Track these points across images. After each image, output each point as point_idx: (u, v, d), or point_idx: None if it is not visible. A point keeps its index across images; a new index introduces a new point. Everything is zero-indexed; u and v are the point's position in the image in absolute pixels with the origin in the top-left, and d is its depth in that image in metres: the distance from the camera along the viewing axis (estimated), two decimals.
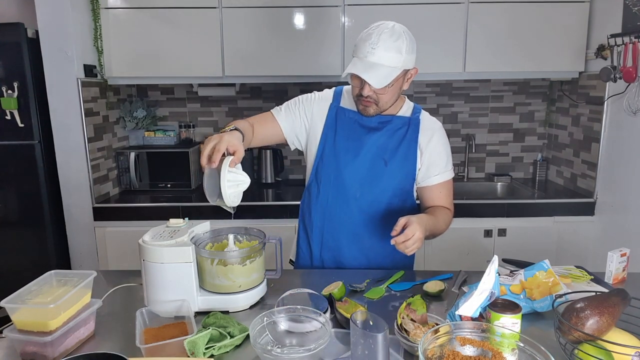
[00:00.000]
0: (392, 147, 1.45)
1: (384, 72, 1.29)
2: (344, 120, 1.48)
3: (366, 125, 1.46)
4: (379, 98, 1.36)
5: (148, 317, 1.14)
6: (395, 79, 1.32)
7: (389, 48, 1.27)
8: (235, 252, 1.23)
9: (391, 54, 1.28)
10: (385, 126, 1.45)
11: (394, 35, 1.28)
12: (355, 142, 1.46)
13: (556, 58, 2.59)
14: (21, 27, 2.34)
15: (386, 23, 1.32)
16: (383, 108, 1.41)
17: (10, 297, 1.03)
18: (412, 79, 1.41)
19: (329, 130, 1.48)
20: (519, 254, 1.69)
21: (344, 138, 1.47)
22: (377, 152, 1.45)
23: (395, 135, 1.46)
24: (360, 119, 1.46)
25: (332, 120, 1.48)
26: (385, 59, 1.28)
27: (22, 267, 2.54)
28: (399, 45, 1.28)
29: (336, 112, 1.49)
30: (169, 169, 2.78)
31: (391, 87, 1.34)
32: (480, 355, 0.92)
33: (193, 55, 2.59)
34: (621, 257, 1.37)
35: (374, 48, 1.27)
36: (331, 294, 1.25)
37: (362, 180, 1.47)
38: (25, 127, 2.42)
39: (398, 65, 1.30)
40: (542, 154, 3.09)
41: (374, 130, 1.45)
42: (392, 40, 1.28)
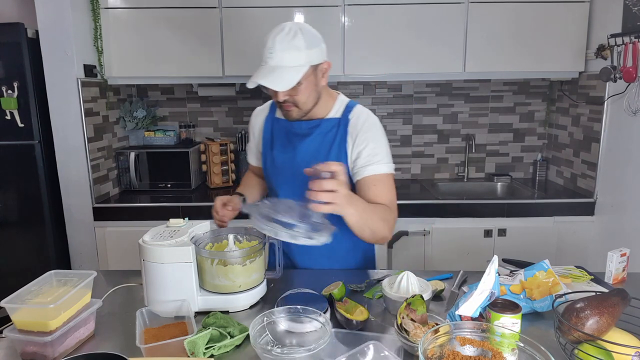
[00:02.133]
0: (324, 151, 1.40)
1: (287, 73, 1.25)
2: (278, 131, 1.47)
3: (297, 132, 1.43)
4: (296, 100, 1.32)
5: (148, 317, 1.14)
6: (304, 77, 1.27)
7: (285, 48, 1.24)
8: (236, 252, 1.23)
9: (290, 54, 1.25)
10: (315, 131, 1.41)
11: (289, 34, 1.25)
12: (290, 151, 1.44)
13: (556, 58, 2.59)
14: (21, 27, 2.34)
15: (282, 25, 1.28)
16: (305, 109, 1.36)
17: (10, 297, 1.03)
18: (327, 73, 1.36)
19: (267, 143, 1.50)
20: (519, 254, 1.70)
21: (280, 149, 1.47)
22: (310, 158, 1.39)
23: (325, 138, 1.41)
24: (292, 126, 1.43)
25: (268, 132, 1.49)
26: (285, 60, 1.25)
27: (22, 267, 2.54)
28: (296, 43, 1.25)
29: (272, 124, 1.49)
30: (169, 169, 2.78)
31: (304, 86, 1.30)
32: (480, 355, 0.92)
33: (193, 55, 2.59)
34: (621, 257, 1.37)
35: (271, 52, 1.25)
36: (331, 294, 1.25)
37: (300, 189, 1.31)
38: (25, 127, 2.42)
39: (300, 63, 1.26)
40: (542, 154, 3.09)
41: (305, 137, 1.42)
42: (288, 40, 1.25)
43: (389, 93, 3.07)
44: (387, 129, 3.09)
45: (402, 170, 3.17)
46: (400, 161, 3.15)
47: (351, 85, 3.06)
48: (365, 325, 1.15)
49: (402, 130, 3.11)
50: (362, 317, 1.15)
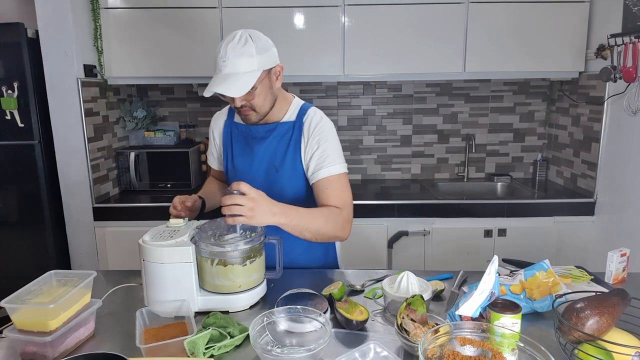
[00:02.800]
0: (280, 153, 1.46)
1: (241, 79, 1.30)
2: (237, 135, 1.51)
3: (255, 136, 1.48)
4: (253, 104, 1.36)
5: (148, 317, 1.14)
6: (258, 81, 1.32)
7: (237, 55, 1.29)
8: (236, 252, 1.23)
9: (242, 60, 1.29)
10: (272, 134, 1.46)
11: (240, 42, 1.30)
12: (248, 155, 1.49)
13: (556, 58, 2.59)
14: (21, 27, 2.34)
15: (232, 34, 1.33)
16: (262, 112, 1.40)
17: (10, 297, 1.03)
18: (280, 76, 1.41)
19: (227, 148, 1.53)
20: (519, 254, 1.70)
21: (239, 153, 1.51)
22: (269, 160, 1.47)
23: (282, 141, 1.46)
24: (250, 130, 1.48)
25: (228, 137, 1.53)
26: (238, 67, 1.29)
27: (22, 267, 2.54)
28: (247, 49, 1.30)
29: (230, 129, 1.53)
30: (169, 169, 2.78)
31: (259, 90, 1.34)
32: (480, 355, 0.92)
33: (193, 55, 2.59)
34: (621, 257, 1.37)
35: (224, 61, 1.29)
36: (331, 294, 1.25)
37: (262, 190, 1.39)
38: (25, 127, 2.42)
39: (253, 68, 1.31)
40: (542, 154, 3.09)
41: (262, 140, 1.47)
42: (239, 47, 1.29)
43: (389, 93, 3.07)
44: (387, 129, 3.10)
45: (402, 170, 3.17)
46: (400, 161, 3.15)
47: (351, 85, 3.06)
48: (365, 325, 1.15)
49: (402, 130, 3.11)
50: (362, 317, 1.15)
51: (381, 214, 2.54)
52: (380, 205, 2.55)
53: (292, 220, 1.28)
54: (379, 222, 2.55)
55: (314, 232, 1.33)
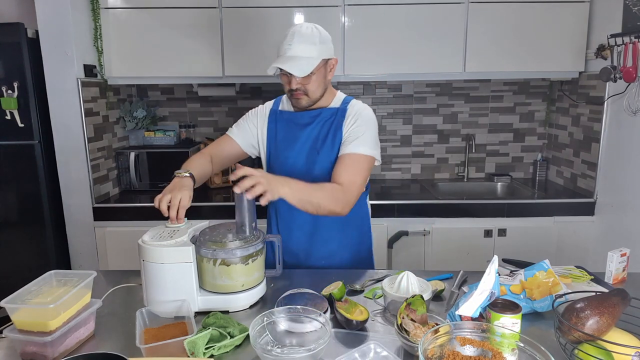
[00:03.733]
0: (322, 136, 1.53)
1: (303, 62, 1.42)
2: (282, 122, 1.59)
3: (300, 122, 1.56)
4: (306, 89, 1.47)
5: (148, 317, 1.14)
6: (316, 68, 1.43)
7: (302, 42, 1.42)
8: (237, 252, 1.23)
9: (306, 46, 1.42)
10: (316, 119, 1.54)
11: (307, 30, 1.44)
12: (292, 139, 1.56)
13: (556, 58, 2.59)
14: (21, 27, 2.34)
15: (300, 24, 1.46)
16: (313, 97, 1.50)
17: (10, 297, 1.03)
18: (334, 68, 1.53)
19: (271, 134, 1.61)
20: (519, 254, 1.70)
21: (283, 137, 1.59)
22: (311, 144, 1.54)
23: (325, 125, 1.54)
24: (295, 117, 1.57)
25: (273, 123, 1.61)
26: (302, 51, 1.42)
27: (22, 267, 2.54)
28: (311, 38, 1.43)
29: (275, 116, 1.61)
30: (169, 169, 2.74)
31: (315, 76, 1.45)
32: (480, 355, 0.92)
33: (193, 55, 2.59)
34: (621, 257, 1.37)
35: (290, 45, 1.42)
36: (331, 294, 1.25)
37: (300, 173, 1.50)
38: (25, 127, 2.42)
39: (314, 55, 1.43)
40: (542, 154, 3.09)
41: (307, 125, 1.55)
42: (305, 34, 1.43)
43: (389, 93, 3.07)
44: (387, 129, 3.10)
45: (402, 170, 3.17)
46: (400, 161, 3.15)
47: (351, 85, 3.06)
48: (365, 325, 1.15)
49: (402, 130, 3.11)
50: (362, 317, 1.15)
51: (381, 214, 2.54)
52: (380, 205, 2.55)
53: (296, 192, 1.31)
54: (379, 222, 2.54)
55: (315, 206, 1.36)
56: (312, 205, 1.36)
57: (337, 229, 1.60)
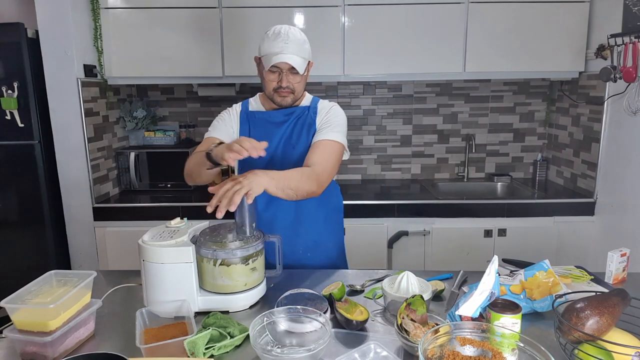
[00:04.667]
0: (297, 132, 1.59)
1: (300, 60, 1.49)
2: (255, 122, 1.63)
3: (274, 120, 1.61)
4: (294, 87, 1.53)
5: (148, 317, 1.14)
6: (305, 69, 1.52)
7: (297, 42, 1.48)
8: (237, 252, 1.23)
9: (300, 47, 1.49)
10: (290, 117, 1.60)
11: (296, 32, 1.50)
12: (267, 137, 1.57)
13: (556, 58, 2.59)
14: (21, 27, 2.34)
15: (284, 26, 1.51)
16: (297, 96, 1.57)
17: (10, 297, 1.03)
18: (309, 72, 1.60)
19: (244, 133, 1.63)
20: (519, 254, 1.70)
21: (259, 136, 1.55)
22: (287, 140, 1.60)
23: (298, 122, 1.60)
24: (269, 116, 1.61)
25: (245, 124, 1.64)
26: (298, 51, 1.48)
27: (22, 267, 2.54)
28: (303, 38, 1.51)
29: (247, 117, 1.64)
30: (169, 169, 2.78)
31: (302, 77, 1.54)
32: (480, 356, 0.92)
33: (193, 55, 2.59)
34: (621, 257, 1.37)
35: (286, 43, 1.46)
36: (331, 294, 1.25)
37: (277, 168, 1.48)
38: (25, 127, 2.42)
39: (306, 56, 1.52)
40: (542, 154, 3.09)
41: (281, 123, 1.60)
42: (298, 34, 1.50)
43: (389, 93, 3.07)
44: (387, 129, 3.10)
45: (402, 170, 3.17)
46: (400, 161, 3.15)
47: (351, 85, 3.06)
48: (365, 325, 1.15)
49: (402, 130, 3.11)
50: (362, 317, 1.15)
51: (381, 214, 2.54)
52: (380, 205, 2.55)
53: (275, 180, 1.30)
54: (379, 222, 2.54)
55: (294, 189, 1.36)
56: (291, 189, 1.36)
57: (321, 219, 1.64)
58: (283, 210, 1.60)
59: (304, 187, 1.39)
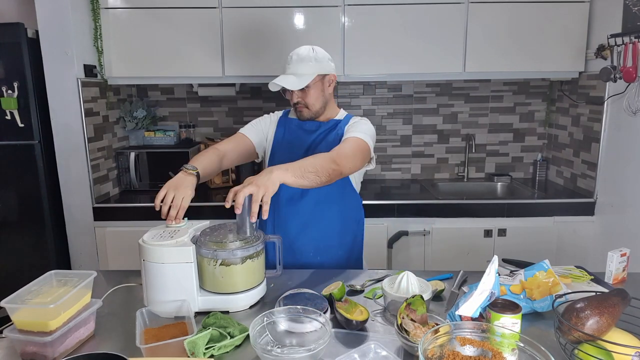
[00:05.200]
0: (325, 142, 1.66)
1: (301, 77, 1.57)
2: (290, 127, 1.73)
3: (307, 128, 1.70)
4: (306, 102, 1.62)
5: (148, 317, 1.14)
6: (312, 82, 1.58)
7: (300, 60, 1.59)
8: (237, 252, 1.23)
9: (303, 64, 1.59)
10: (321, 127, 1.69)
11: (305, 50, 1.61)
12: (298, 142, 1.69)
13: (556, 58, 2.59)
14: (21, 27, 2.34)
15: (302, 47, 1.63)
16: (313, 110, 1.64)
17: (10, 297, 1.03)
18: (333, 83, 1.67)
19: (278, 135, 1.74)
20: (519, 254, 1.70)
21: (290, 140, 1.71)
22: (313, 149, 1.66)
23: (330, 133, 1.67)
24: (303, 124, 1.70)
25: (282, 127, 1.74)
26: (299, 69, 1.58)
27: (22, 267, 2.54)
28: (308, 55, 1.60)
29: (285, 121, 1.75)
30: (169, 169, 2.77)
31: (312, 90, 1.60)
32: (480, 355, 0.92)
33: (193, 55, 2.59)
34: (621, 257, 1.37)
35: (289, 64, 1.61)
36: (331, 294, 1.25)
37: None
38: (25, 127, 2.42)
39: (312, 72, 1.58)
40: (542, 154, 3.09)
41: (313, 132, 1.69)
42: (304, 54, 1.60)
43: (389, 93, 3.07)
44: (387, 129, 3.10)
45: (402, 170, 3.17)
46: (400, 161, 3.15)
47: (351, 85, 3.06)
48: (365, 325, 1.15)
49: (402, 130, 3.11)
50: (362, 317, 1.15)
51: (381, 214, 2.54)
52: (380, 205, 2.55)
53: (289, 168, 1.28)
54: (379, 222, 2.54)
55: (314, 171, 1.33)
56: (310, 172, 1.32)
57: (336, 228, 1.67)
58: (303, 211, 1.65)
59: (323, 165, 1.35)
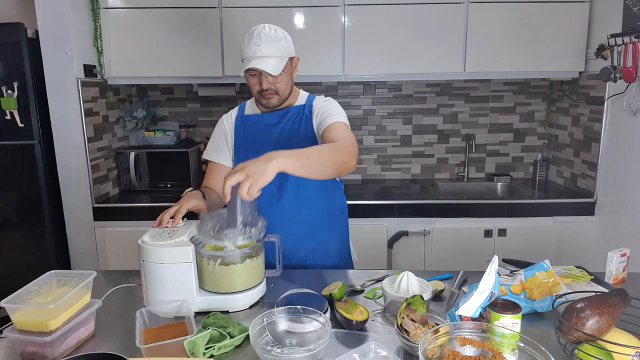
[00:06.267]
0: (293, 132, 1.56)
1: (274, 61, 1.44)
2: (249, 126, 1.60)
3: (269, 122, 1.58)
4: (277, 87, 1.50)
5: (148, 317, 1.14)
6: (285, 66, 1.47)
7: (269, 41, 1.43)
8: (237, 252, 1.23)
9: (273, 46, 1.44)
10: (285, 117, 1.57)
11: (271, 30, 1.45)
12: (263, 139, 1.57)
13: (556, 58, 2.59)
14: (21, 27, 2.34)
15: (260, 26, 1.47)
16: (283, 96, 1.53)
17: (10, 297, 1.03)
18: (297, 66, 1.57)
19: (239, 138, 1.61)
20: (519, 254, 1.70)
21: (253, 139, 1.59)
22: (284, 142, 1.55)
23: (295, 122, 1.57)
24: (263, 118, 1.58)
25: (240, 128, 1.61)
26: (271, 51, 1.43)
27: (22, 267, 2.54)
28: (278, 36, 1.46)
29: (242, 121, 1.62)
30: (168, 169, 2.78)
31: (284, 75, 1.48)
32: (480, 356, 0.92)
33: (193, 55, 2.59)
34: (621, 257, 1.37)
35: (259, 45, 1.43)
36: (331, 294, 1.25)
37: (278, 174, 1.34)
38: (25, 127, 2.42)
39: (284, 54, 1.46)
40: (542, 154, 3.09)
41: (276, 124, 1.57)
42: (272, 33, 1.45)
43: (389, 93, 3.07)
44: (387, 129, 3.10)
45: (402, 170, 3.17)
46: (400, 161, 3.15)
47: (351, 85, 3.06)
48: (365, 325, 1.15)
49: (402, 130, 3.11)
50: (362, 317, 1.15)
51: (381, 214, 2.54)
52: (380, 205, 2.55)
53: (291, 156, 1.14)
54: (379, 222, 2.54)
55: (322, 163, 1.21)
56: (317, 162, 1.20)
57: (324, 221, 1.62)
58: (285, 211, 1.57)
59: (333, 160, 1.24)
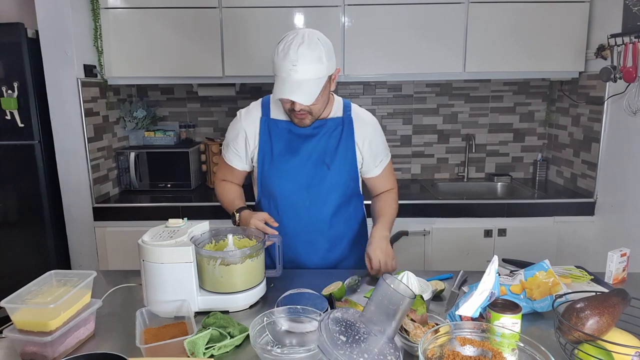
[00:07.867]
0: (331, 149, 1.46)
1: (311, 85, 1.28)
2: (277, 132, 1.46)
3: (301, 133, 1.45)
4: (311, 109, 1.36)
5: (148, 317, 1.14)
6: (323, 88, 1.32)
7: (309, 61, 1.25)
8: (237, 252, 1.23)
9: (313, 66, 1.26)
10: (320, 131, 1.46)
11: (310, 45, 1.26)
12: (293, 152, 1.46)
13: (556, 58, 2.59)
14: (21, 27, 2.34)
15: (299, 34, 1.28)
16: (317, 115, 1.42)
17: (10, 297, 1.03)
18: (336, 78, 1.41)
19: (264, 145, 1.47)
20: (519, 254, 1.70)
21: (281, 150, 1.46)
22: (317, 157, 1.46)
23: (331, 137, 1.46)
24: (294, 128, 1.45)
25: (266, 133, 1.47)
26: (309, 73, 1.26)
27: (22, 267, 2.53)
28: (318, 54, 1.27)
29: (268, 125, 1.47)
30: (169, 169, 2.78)
31: (320, 96, 1.33)
32: (480, 356, 0.92)
33: (193, 55, 2.59)
34: (621, 257, 1.37)
35: (295, 65, 1.25)
36: (331, 294, 1.25)
37: (308, 188, 1.48)
38: (25, 127, 2.42)
39: (322, 75, 1.29)
40: (542, 154, 3.09)
41: (310, 137, 1.45)
42: (311, 51, 1.26)
43: (389, 93, 3.07)
44: (387, 129, 3.10)
45: (402, 170, 3.17)
46: (400, 161, 3.15)
47: (351, 85, 3.06)
48: None
49: (402, 130, 3.11)
50: None
51: None
52: None
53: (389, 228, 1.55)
54: None
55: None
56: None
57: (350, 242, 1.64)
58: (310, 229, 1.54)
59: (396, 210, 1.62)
